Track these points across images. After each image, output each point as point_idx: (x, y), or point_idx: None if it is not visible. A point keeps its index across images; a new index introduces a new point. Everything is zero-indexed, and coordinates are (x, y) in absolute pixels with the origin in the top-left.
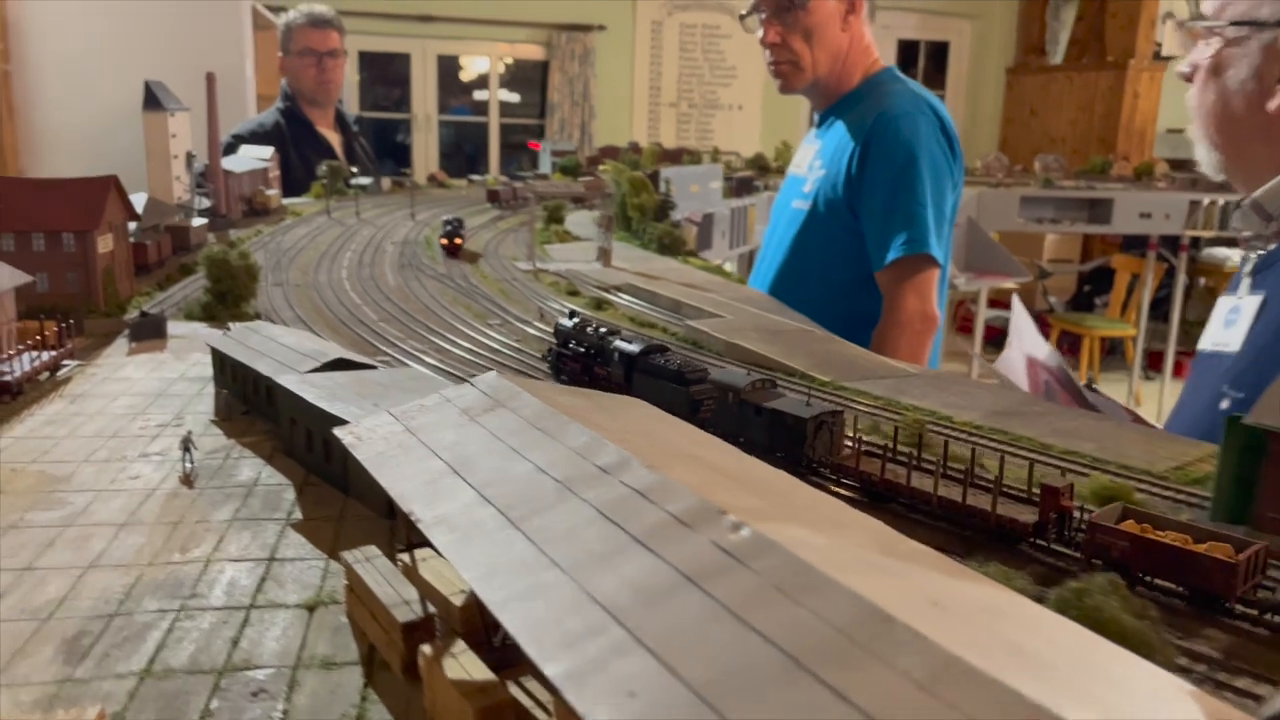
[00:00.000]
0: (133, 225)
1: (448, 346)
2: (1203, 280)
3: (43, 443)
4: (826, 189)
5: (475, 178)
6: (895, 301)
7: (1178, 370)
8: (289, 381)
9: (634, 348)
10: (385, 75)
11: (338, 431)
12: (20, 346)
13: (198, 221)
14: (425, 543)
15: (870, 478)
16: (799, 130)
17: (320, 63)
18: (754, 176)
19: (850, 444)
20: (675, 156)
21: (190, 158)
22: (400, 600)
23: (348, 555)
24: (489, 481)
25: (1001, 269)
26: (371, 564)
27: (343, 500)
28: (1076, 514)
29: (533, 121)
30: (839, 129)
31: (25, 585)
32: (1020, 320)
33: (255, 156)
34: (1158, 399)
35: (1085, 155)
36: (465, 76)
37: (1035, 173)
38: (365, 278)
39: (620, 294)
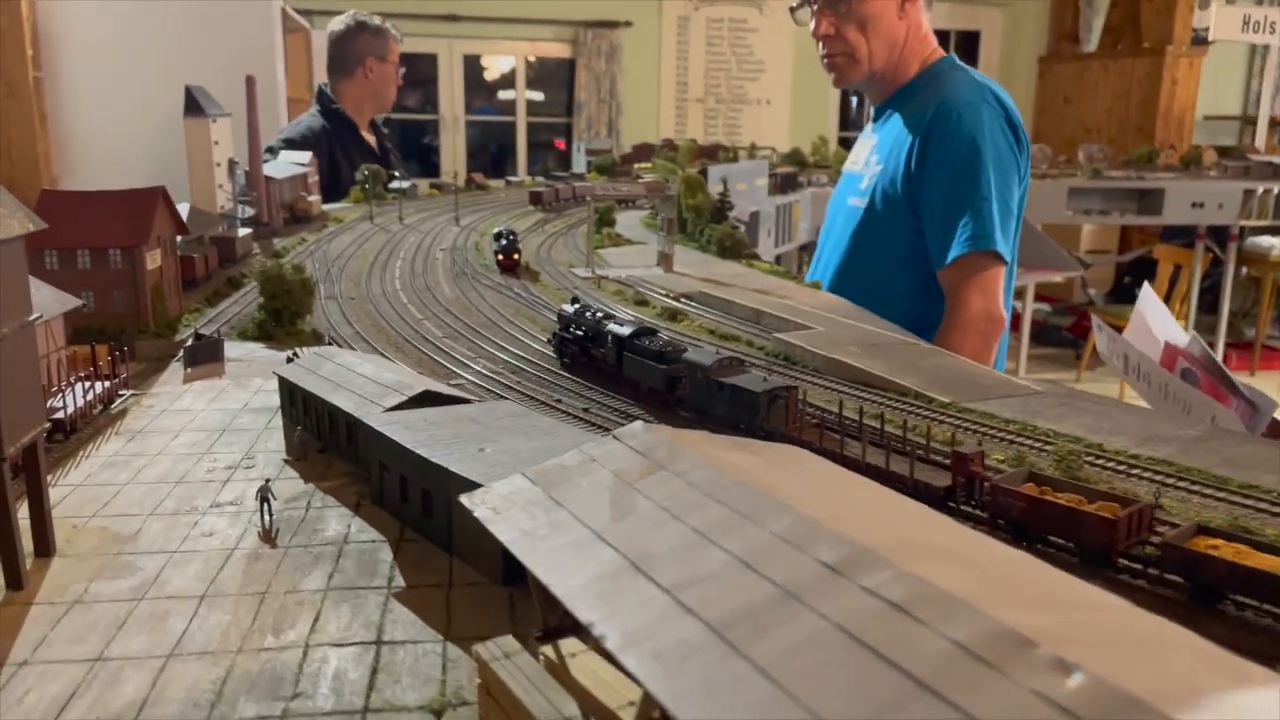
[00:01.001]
0: (179, 238)
1: (522, 366)
2: (1245, 269)
3: (103, 491)
4: (885, 185)
5: (513, 179)
6: (959, 301)
7: (1267, 363)
8: (377, 422)
9: (625, 330)
10: (412, 76)
11: (465, 500)
12: (72, 378)
13: (243, 231)
14: (568, 628)
15: (810, 445)
16: (828, 125)
17: (400, 74)
18: (796, 172)
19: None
20: (712, 153)
21: (233, 165)
22: (556, 714)
23: (482, 650)
24: (683, 581)
25: (1050, 263)
26: (512, 662)
27: (447, 562)
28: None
29: (559, 120)
30: (896, 122)
31: (99, 682)
32: (1151, 305)
33: (293, 161)
34: None
35: (1123, 144)
36: (490, 76)
37: (1080, 163)
38: (420, 289)
39: (691, 303)
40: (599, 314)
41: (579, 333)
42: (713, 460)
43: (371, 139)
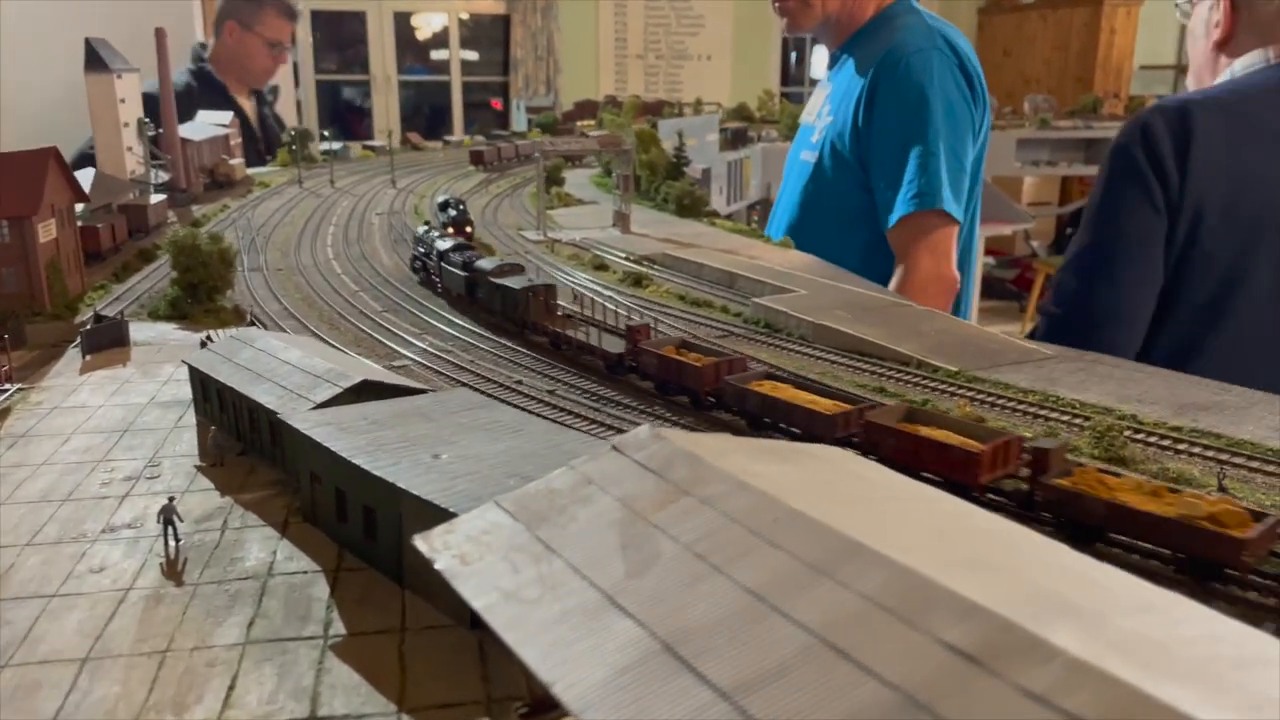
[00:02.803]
0: (80, 207)
1: (474, 342)
2: None
3: None
4: (834, 138)
5: (451, 139)
6: (908, 263)
7: None
8: (305, 422)
9: (445, 245)
10: (339, 36)
11: (421, 545)
12: None
13: (156, 198)
14: (553, 703)
15: (546, 329)
16: (771, 80)
17: (279, 55)
18: (746, 128)
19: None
20: (656, 109)
21: (143, 125)
22: None
23: None
24: (747, 679)
25: (1000, 216)
26: None
27: (399, 597)
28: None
29: (496, 79)
30: (849, 69)
31: None
32: None
33: (215, 122)
34: None
35: (1062, 95)
36: (422, 35)
37: (1026, 114)
38: (356, 257)
39: (655, 266)
40: (434, 234)
41: (421, 250)
42: (746, 477)
43: (248, 104)
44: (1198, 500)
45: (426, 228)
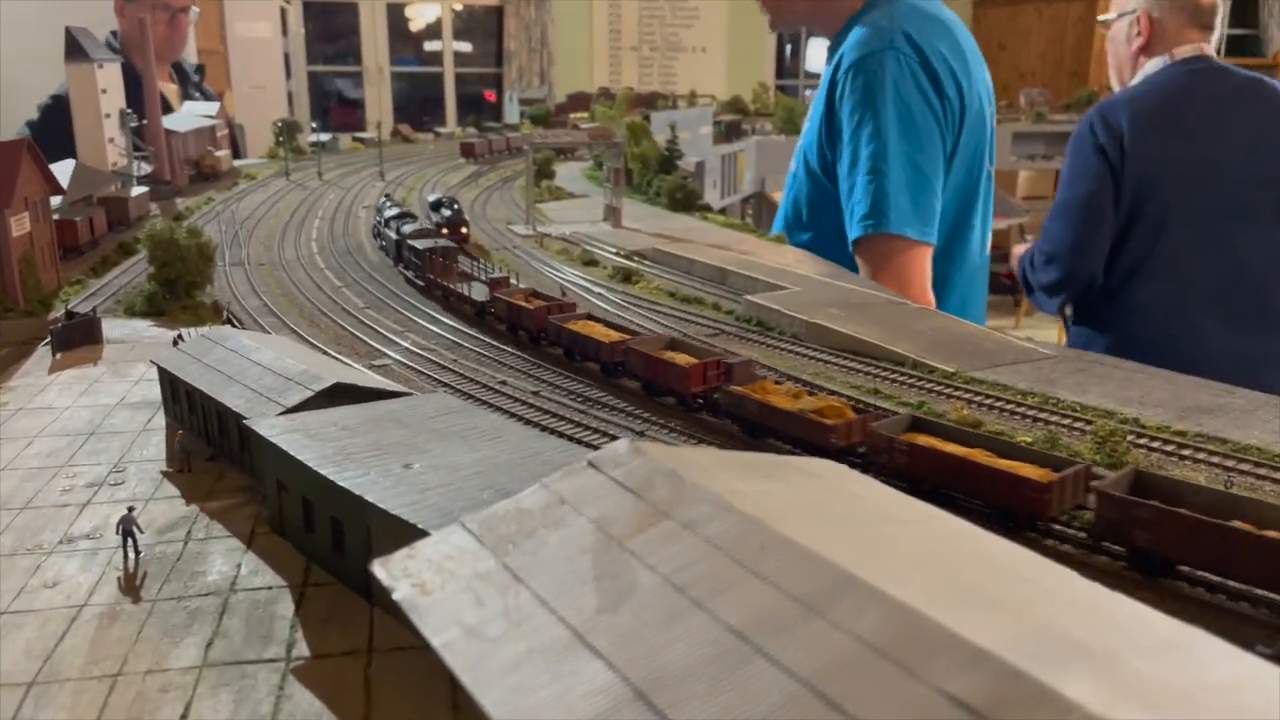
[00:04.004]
0: (57, 200)
1: (459, 341)
2: None
3: None
4: (806, 150)
5: (442, 131)
6: (865, 277)
7: None
8: (272, 429)
9: (391, 213)
10: (332, 27)
11: (380, 573)
12: None
13: (137, 191)
14: None
15: (436, 282)
16: (765, 73)
17: (173, 20)
18: (740, 120)
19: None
20: (650, 101)
21: (125, 115)
22: None
23: None
24: None
25: (996, 210)
26: None
27: (367, 615)
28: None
29: (489, 70)
30: (828, 70)
31: None
32: None
33: (201, 113)
34: None
35: (1056, 88)
36: (415, 27)
37: (1022, 108)
38: (340, 252)
39: (646, 261)
40: (387, 205)
41: (378, 219)
42: (731, 497)
43: (171, 88)
44: (811, 398)
45: (385, 199)
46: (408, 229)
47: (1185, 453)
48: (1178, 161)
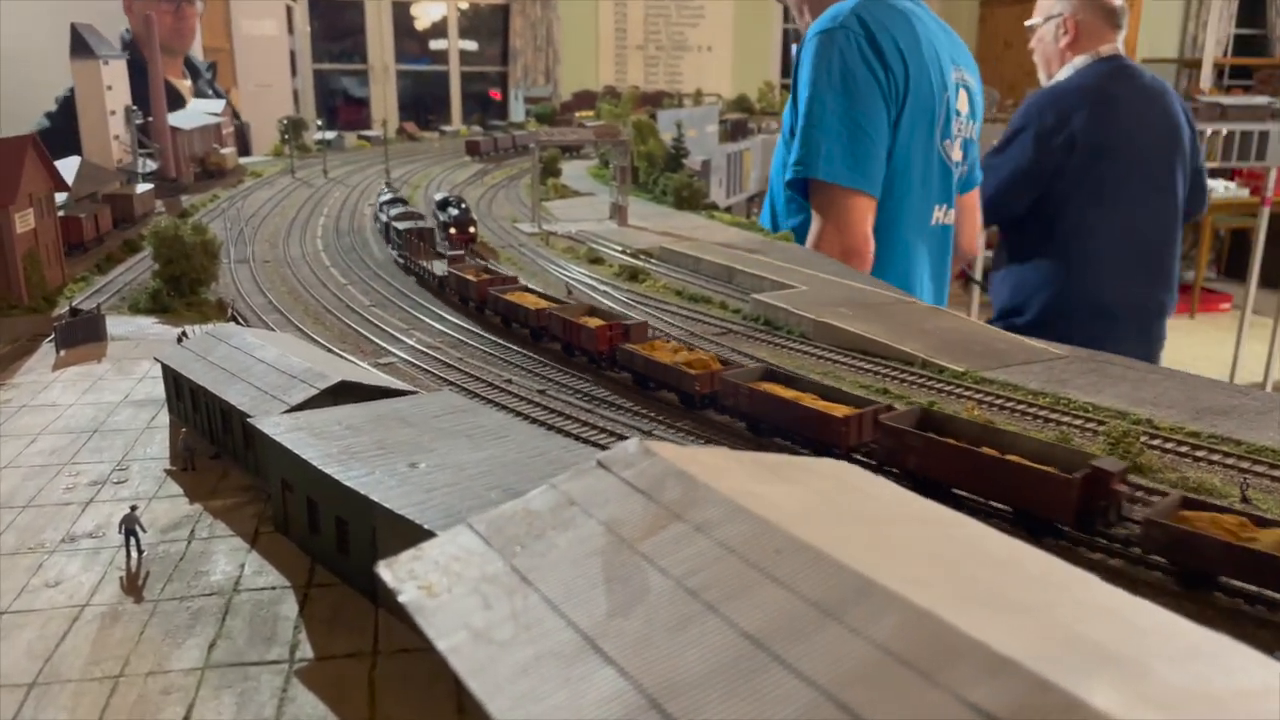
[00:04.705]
0: (61, 196)
1: (464, 339)
2: None
3: None
4: (789, 123)
5: (447, 129)
6: (813, 229)
7: (1206, 305)
8: (276, 428)
9: (386, 197)
10: (338, 26)
11: (386, 576)
12: None
13: (142, 188)
14: None
15: (411, 259)
16: (771, 72)
17: (178, 10)
18: (746, 119)
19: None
20: (655, 100)
21: (130, 112)
22: None
23: None
24: None
25: None
26: None
27: (371, 616)
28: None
29: (495, 69)
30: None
31: None
32: None
33: (206, 111)
34: None
35: None
36: (420, 25)
37: None
38: (346, 249)
39: (652, 260)
40: (387, 198)
41: (379, 213)
42: (745, 499)
43: (184, 84)
44: (688, 353)
45: (386, 189)
46: (394, 212)
47: (1200, 454)
48: (1110, 135)
